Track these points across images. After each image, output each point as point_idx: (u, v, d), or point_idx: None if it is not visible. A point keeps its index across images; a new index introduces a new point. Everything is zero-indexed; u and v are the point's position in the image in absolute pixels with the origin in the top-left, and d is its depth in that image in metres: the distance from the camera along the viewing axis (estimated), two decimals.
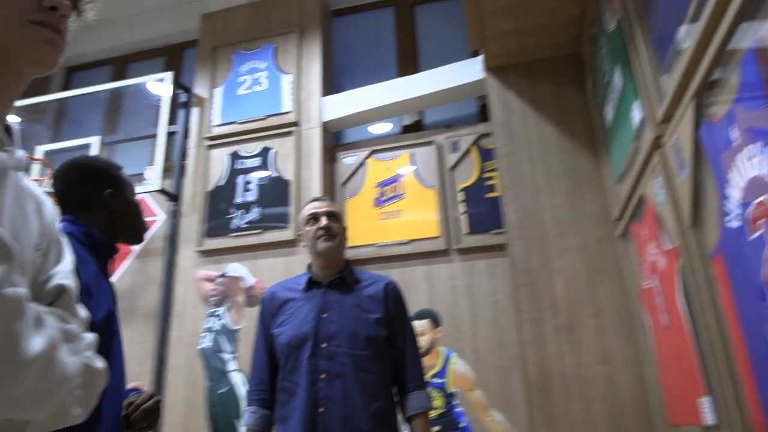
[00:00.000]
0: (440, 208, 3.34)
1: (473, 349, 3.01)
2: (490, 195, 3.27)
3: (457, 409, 2.94)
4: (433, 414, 2.92)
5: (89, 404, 0.70)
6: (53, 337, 0.58)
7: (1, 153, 0.69)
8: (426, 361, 3.03)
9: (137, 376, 3.52)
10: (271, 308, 1.78)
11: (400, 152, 3.58)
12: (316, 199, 1.89)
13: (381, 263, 3.32)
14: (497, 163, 2.67)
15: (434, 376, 3.00)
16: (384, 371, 1.66)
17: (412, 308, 3.16)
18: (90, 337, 0.81)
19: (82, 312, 0.84)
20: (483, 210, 3.26)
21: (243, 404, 3.07)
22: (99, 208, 1.32)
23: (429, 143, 3.53)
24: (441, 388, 2.98)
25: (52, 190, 1.37)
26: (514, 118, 2.68)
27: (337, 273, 1.76)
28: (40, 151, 3.84)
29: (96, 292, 1.15)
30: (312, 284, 1.76)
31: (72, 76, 4.95)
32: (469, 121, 3.60)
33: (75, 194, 1.32)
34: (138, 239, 1.44)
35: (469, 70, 3.35)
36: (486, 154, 3.38)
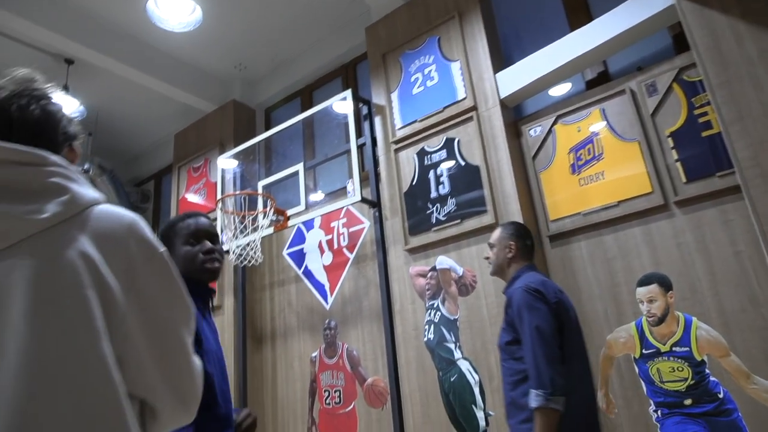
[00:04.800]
0: (647, 160, 3.00)
1: (719, 311, 2.65)
2: (707, 133, 2.84)
3: (711, 379, 2.61)
4: (682, 386, 2.64)
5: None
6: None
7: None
8: (662, 329, 2.76)
9: (373, 371, 3.84)
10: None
11: (589, 110, 3.32)
12: None
13: (589, 232, 3.12)
14: (711, 96, 2.29)
15: (675, 345, 2.71)
16: None
17: (635, 275, 2.91)
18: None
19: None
20: (701, 152, 2.85)
21: (476, 389, 3.14)
22: None
23: (620, 93, 3.20)
24: (686, 357, 2.68)
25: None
26: (723, 41, 2.27)
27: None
28: (260, 186, 4.42)
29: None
30: None
31: (270, 116, 5.60)
32: (663, 56, 3.17)
33: None
34: (203, 280, 1.61)
35: (653, 0, 2.96)
36: (692, 89, 2.95)
